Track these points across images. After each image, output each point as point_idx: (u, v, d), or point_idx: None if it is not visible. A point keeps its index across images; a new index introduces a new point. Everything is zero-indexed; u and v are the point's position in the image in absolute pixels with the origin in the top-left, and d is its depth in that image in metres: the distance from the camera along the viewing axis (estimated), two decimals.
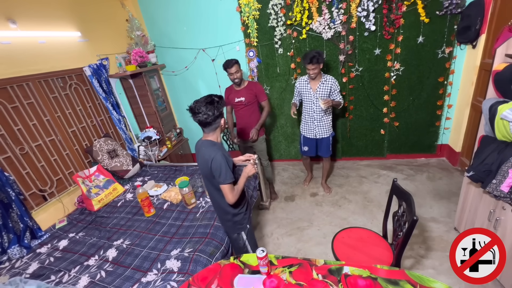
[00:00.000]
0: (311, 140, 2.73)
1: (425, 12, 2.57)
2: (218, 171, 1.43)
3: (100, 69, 2.86)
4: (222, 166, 1.42)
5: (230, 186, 1.46)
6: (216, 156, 1.43)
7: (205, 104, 1.42)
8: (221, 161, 1.42)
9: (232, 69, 2.43)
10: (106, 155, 2.72)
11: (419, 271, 1.88)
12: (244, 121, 2.70)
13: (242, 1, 2.94)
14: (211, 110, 1.42)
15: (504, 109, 1.42)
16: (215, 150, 1.45)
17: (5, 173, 1.98)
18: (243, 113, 2.66)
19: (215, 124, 1.48)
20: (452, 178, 2.84)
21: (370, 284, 1.13)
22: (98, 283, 1.58)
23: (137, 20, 3.30)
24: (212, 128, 1.49)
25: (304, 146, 2.82)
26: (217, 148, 1.46)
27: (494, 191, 1.52)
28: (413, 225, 1.29)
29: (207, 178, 1.54)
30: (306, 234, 2.41)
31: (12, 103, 2.13)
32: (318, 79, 2.49)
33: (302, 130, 2.78)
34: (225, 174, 1.43)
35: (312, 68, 2.36)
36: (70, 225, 2.25)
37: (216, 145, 1.49)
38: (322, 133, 2.65)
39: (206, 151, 1.47)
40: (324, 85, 2.46)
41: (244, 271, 1.31)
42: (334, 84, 2.47)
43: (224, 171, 1.43)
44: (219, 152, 1.44)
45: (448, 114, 3.01)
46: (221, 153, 1.45)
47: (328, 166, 2.92)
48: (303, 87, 2.56)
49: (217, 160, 1.42)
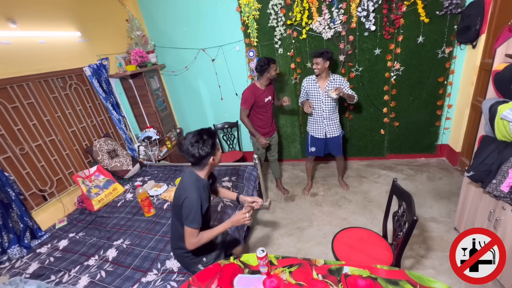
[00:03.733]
0: (320, 140, 2.70)
1: (425, 12, 2.57)
2: (187, 212, 1.32)
3: (100, 69, 2.86)
4: (192, 210, 1.31)
5: (193, 231, 1.34)
6: (191, 196, 1.32)
7: (191, 143, 1.32)
8: (193, 204, 1.32)
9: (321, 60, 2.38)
10: (106, 155, 2.72)
11: (419, 271, 1.88)
12: (269, 121, 2.71)
13: (242, 1, 2.94)
14: (195, 150, 1.31)
15: (504, 109, 1.42)
16: (193, 190, 1.34)
17: (5, 173, 1.98)
18: (270, 113, 2.69)
19: (203, 163, 1.38)
20: (452, 178, 2.84)
21: (370, 284, 1.13)
22: (98, 283, 1.58)
23: (137, 20, 3.30)
24: (200, 166, 1.39)
25: (311, 146, 2.78)
26: (196, 188, 1.35)
27: (494, 191, 1.52)
28: (413, 225, 1.28)
29: (174, 208, 1.44)
30: (306, 234, 2.41)
31: (12, 103, 2.13)
32: (326, 78, 2.48)
33: (310, 130, 2.74)
34: (193, 218, 1.32)
35: (316, 62, 2.37)
36: (70, 225, 2.25)
37: (198, 184, 1.38)
38: (332, 132, 2.63)
39: (186, 185, 1.38)
40: (333, 84, 2.46)
41: (244, 271, 1.31)
42: (343, 82, 2.46)
43: (192, 215, 1.31)
44: (196, 193, 1.33)
45: (448, 114, 3.01)
46: (197, 195, 1.33)
47: (342, 163, 2.93)
48: (311, 86, 2.54)
49: (190, 201, 1.32)
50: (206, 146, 1.33)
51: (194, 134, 1.35)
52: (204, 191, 1.40)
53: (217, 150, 1.42)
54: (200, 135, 1.34)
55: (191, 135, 1.35)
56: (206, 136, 1.35)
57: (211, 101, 3.74)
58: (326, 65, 2.39)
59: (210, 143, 1.35)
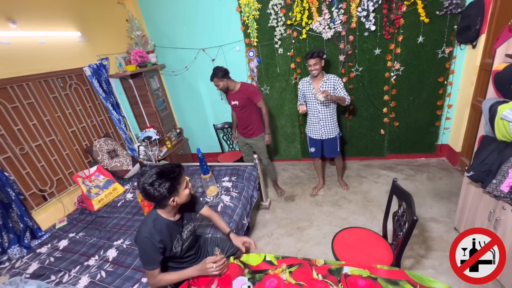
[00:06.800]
0: (317, 141, 2.71)
1: (425, 12, 2.57)
2: (140, 253, 1.26)
3: (100, 69, 2.85)
4: (144, 251, 1.24)
5: (149, 272, 1.26)
6: (140, 237, 1.24)
7: (144, 185, 1.20)
8: (144, 246, 1.23)
9: (214, 82, 2.52)
10: (106, 155, 2.72)
11: (419, 271, 1.88)
12: (242, 122, 2.73)
13: (242, 1, 2.94)
14: (151, 192, 1.19)
15: (504, 109, 1.42)
16: (145, 231, 1.24)
17: (5, 173, 1.98)
18: (241, 115, 2.69)
19: (162, 204, 1.26)
20: (452, 178, 2.84)
21: (370, 284, 1.13)
22: (98, 283, 1.58)
23: (137, 20, 3.30)
24: (161, 205, 1.28)
25: (310, 147, 2.80)
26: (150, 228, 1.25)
27: (494, 191, 1.52)
28: (413, 225, 1.28)
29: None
30: (306, 234, 2.41)
31: (12, 103, 2.13)
32: (321, 79, 2.47)
33: (308, 131, 2.75)
34: (145, 260, 1.24)
35: (313, 63, 2.34)
36: (70, 225, 2.25)
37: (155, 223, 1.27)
38: (328, 134, 2.63)
39: (141, 225, 1.30)
40: (327, 84, 2.44)
41: (244, 271, 1.31)
42: (337, 81, 2.43)
43: (145, 256, 1.24)
44: (147, 234, 1.23)
45: (448, 114, 3.01)
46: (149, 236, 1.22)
47: (341, 164, 2.93)
48: (305, 88, 2.55)
49: (140, 242, 1.24)
50: (163, 187, 1.19)
51: (153, 174, 1.23)
52: (162, 231, 1.27)
53: (181, 190, 1.28)
54: (159, 175, 1.22)
55: (149, 174, 1.23)
56: (166, 177, 1.21)
57: (211, 101, 3.74)
58: (322, 64, 2.40)
59: (168, 185, 1.20)
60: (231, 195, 2.24)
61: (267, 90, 3.38)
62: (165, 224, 1.30)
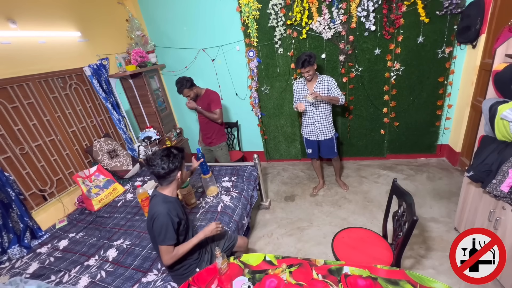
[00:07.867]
0: (313, 142, 2.72)
1: (425, 12, 2.57)
2: (159, 230, 1.35)
3: (100, 69, 2.85)
4: (163, 227, 1.34)
5: (167, 247, 1.37)
6: (160, 215, 1.35)
7: (160, 156, 1.39)
8: (163, 221, 1.35)
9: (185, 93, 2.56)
10: (106, 155, 2.72)
11: (419, 271, 1.88)
12: (203, 128, 2.85)
13: (242, 1, 2.94)
14: (166, 163, 1.38)
15: (504, 109, 1.42)
16: (163, 208, 1.37)
17: (5, 173, 1.98)
18: (202, 120, 2.80)
19: (169, 178, 1.43)
20: (452, 178, 2.84)
21: (370, 284, 1.14)
22: (98, 283, 1.58)
23: (137, 20, 3.30)
24: (167, 181, 1.44)
25: (307, 148, 2.80)
26: (166, 207, 1.38)
27: (494, 191, 1.52)
28: (413, 225, 1.29)
29: (150, 233, 1.45)
30: (306, 234, 2.41)
31: (12, 103, 2.13)
32: (315, 80, 2.49)
33: (303, 132, 2.76)
34: (164, 235, 1.35)
35: (306, 71, 2.37)
36: (70, 225, 2.25)
37: (167, 202, 1.41)
38: (324, 135, 2.63)
39: (154, 207, 1.40)
40: (321, 85, 2.46)
41: (244, 271, 1.31)
42: (331, 82, 2.45)
43: (164, 232, 1.34)
44: (165, 211, 1.36)
45: (448, 114, 3.01)
46: (166, 212, 1.36)
47: (338, 164, 2.94)
48: (300, 89, 2.57)
49: (160, 218, 1.35)
50: (176, 159, 1.42)
51: (163, 150, 1.44)
52: (174, 206, 1.43)
53: (183, 167, 1.50)
54: (169, 150, 1.44)
55: (160, 150, 1.44)
56: (175, 151, 1.45)
57: None
58: (315, 68, 2.42)
59: (180, 157, 1.45)
60: (231, 195, 2.24)
61: (267, 90, 3.38)
62: (174, 201, 1.46)
